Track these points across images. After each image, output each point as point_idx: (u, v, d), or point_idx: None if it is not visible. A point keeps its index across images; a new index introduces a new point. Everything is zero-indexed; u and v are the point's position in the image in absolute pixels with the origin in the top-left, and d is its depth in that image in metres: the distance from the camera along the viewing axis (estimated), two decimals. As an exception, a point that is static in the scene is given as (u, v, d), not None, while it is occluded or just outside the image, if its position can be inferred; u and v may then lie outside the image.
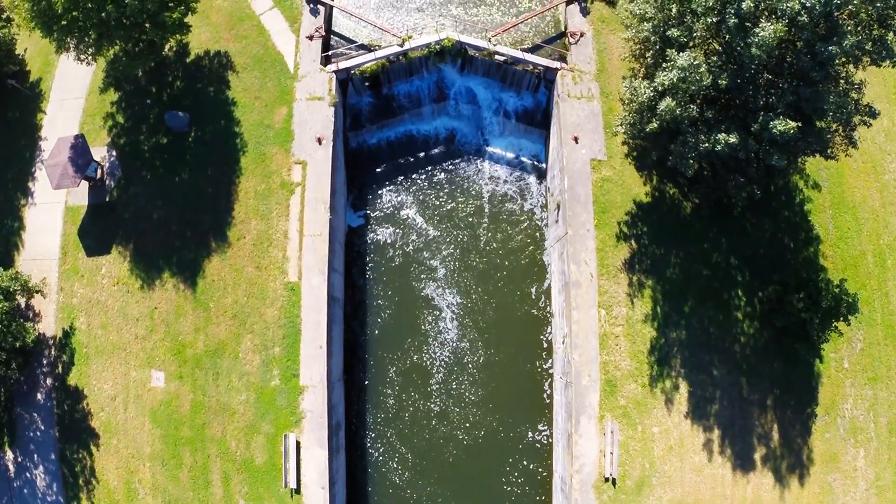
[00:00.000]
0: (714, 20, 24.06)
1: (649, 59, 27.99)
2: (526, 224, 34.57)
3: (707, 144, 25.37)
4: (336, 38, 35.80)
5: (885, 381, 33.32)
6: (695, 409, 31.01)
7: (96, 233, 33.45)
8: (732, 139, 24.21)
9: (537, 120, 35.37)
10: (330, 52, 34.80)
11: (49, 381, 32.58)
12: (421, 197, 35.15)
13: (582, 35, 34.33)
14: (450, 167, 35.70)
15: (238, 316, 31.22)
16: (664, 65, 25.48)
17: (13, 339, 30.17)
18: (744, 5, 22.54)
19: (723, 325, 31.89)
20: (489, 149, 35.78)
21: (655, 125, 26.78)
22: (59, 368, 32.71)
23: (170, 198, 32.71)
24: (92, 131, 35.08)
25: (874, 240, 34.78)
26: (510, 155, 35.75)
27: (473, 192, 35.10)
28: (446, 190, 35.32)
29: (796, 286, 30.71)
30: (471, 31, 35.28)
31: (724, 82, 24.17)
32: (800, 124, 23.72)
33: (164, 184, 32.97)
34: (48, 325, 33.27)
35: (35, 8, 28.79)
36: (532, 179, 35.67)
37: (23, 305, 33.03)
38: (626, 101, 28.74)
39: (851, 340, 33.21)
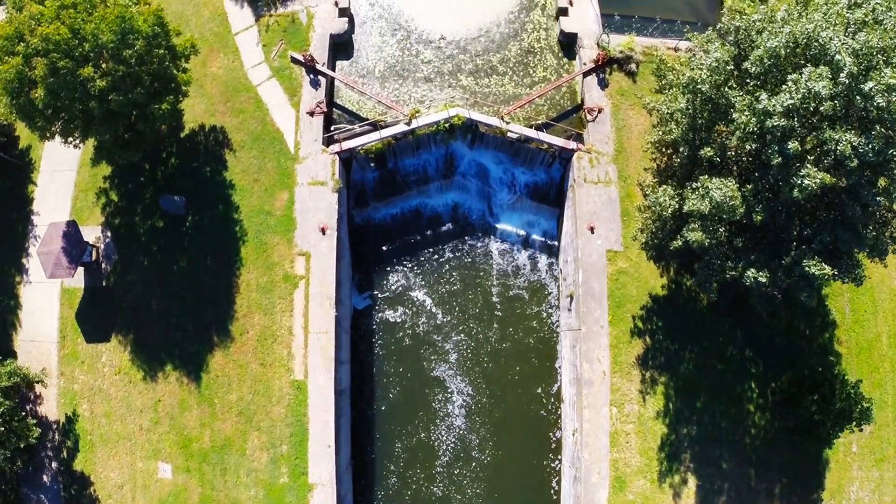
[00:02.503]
0: (753, 146, 22.44)
1: (676, 167, 26.36)
2: (537, 310, 33.46)
3: (734, 273, 24.22)
4: (338, 112, 33.62)
5: (892, 462, 33.37)
6: (703, 501, 31.09)
7: (94, 318, 32.51)
8: (762, 278, 23.04)
9: (550, 197, 33.79)
10: (332, 128, 32.82)
11: (55, 464, 32.41)
12: (429, 278, 33.95)
13: (600, 111, 32.33)
14: (459, 245, 34.34)
15: (244, 413, 30.72)
16: (695, 189, 23.95)
17: (17, 438, 29.77)
18: (790, 146, 20.89)
19: (734, 419, 31.56)
20: (499, 226, 34.29)
21: (679, 244, 25.48)
22: (64, 453, 32.46)
23: (169, 287, 31.59)
24: (85, 208, 33.58)
25: (890, 321, 34.08)
26: (521, 232, 34.33)
27: (483, 274, 33.89)
28: (455, 271, 34.10)
29: (810, 386, 30.25)
30: (482, 104, 33.15)
31: (759, 217, 22.76)
32: (835, 272, 22.57)
33: (162, 272, 31.76)
34: (50, 409, 32.80)
35: (15, 102, 26.91)
36: (543, 259, 34.34)
37: (23, 388, 32.52)
38: (648, 210, 27.25)
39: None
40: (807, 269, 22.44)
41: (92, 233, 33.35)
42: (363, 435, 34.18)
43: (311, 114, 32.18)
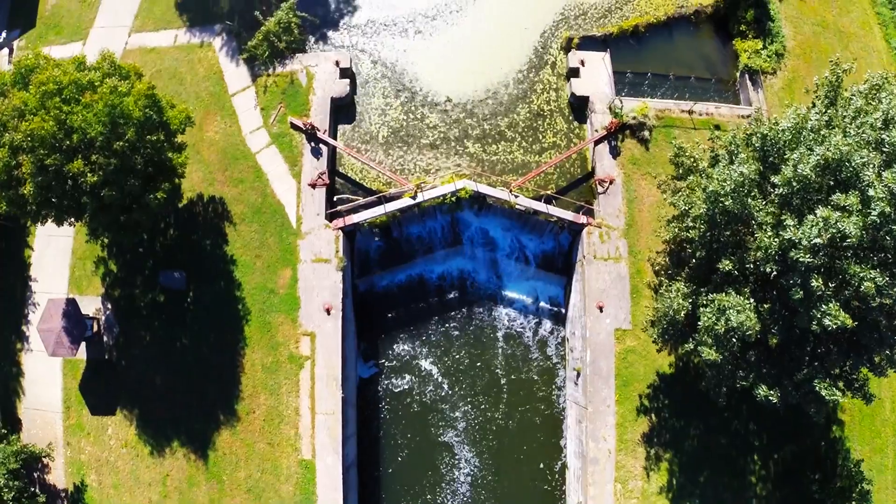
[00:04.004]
0: (775, 269, 21.87)
1: (691, 264, 25.75)
2: (544, 387, 33.24)
3: (745, 383, 24.04)
4: (341, 181, 32.52)
5: (890, 525, 34.20)
6: (705, 570, 31.85)
7: (98, 391, 32.27)
8: (773, 397, 22.88)
9: (558, 265, 33.18)
10: (335, 198, 31.84)
11: (66, 531, 32.89)
12: (436, 348, 33.60)
13: (611, 182, 31.40)
14: (465, 313, 33.84)
15: (253, 490, 30.89)
16: (710, 303, 23.48)
17: (27, 515, 30.10)
18: (813, 284, 20.33)
19: (736, 491, 31.87)
20: (506, 293, 33.74)
21: (691, 346, 25.20)
22: (75, 522, 32.90)
23: (172, 364, 31.22)
24: (83, 277, 32.88)
25: (895, 387, 34.23)
26: (528, 300, 33.82)
27: (490, 343, 33.53)
28: (462, 340, 33.74)
29: (812, 463, 30.61)
30: (489, 172, 32.08)
31: (774, 340, 22.42)
32: (846, 393, 22.39)
33: (164, 348, 31.33)
34: (58, 478, 32.89)
35: (4, 194, 25.88)
36: (550, 327, 33.94)
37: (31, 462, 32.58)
38: (658, 309, 26.75)
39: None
40: (818, 389, 22.29)
41: (92, 303, 32.77)
42: (370, 498, 34.59)
43: (314, 186, 31.15)
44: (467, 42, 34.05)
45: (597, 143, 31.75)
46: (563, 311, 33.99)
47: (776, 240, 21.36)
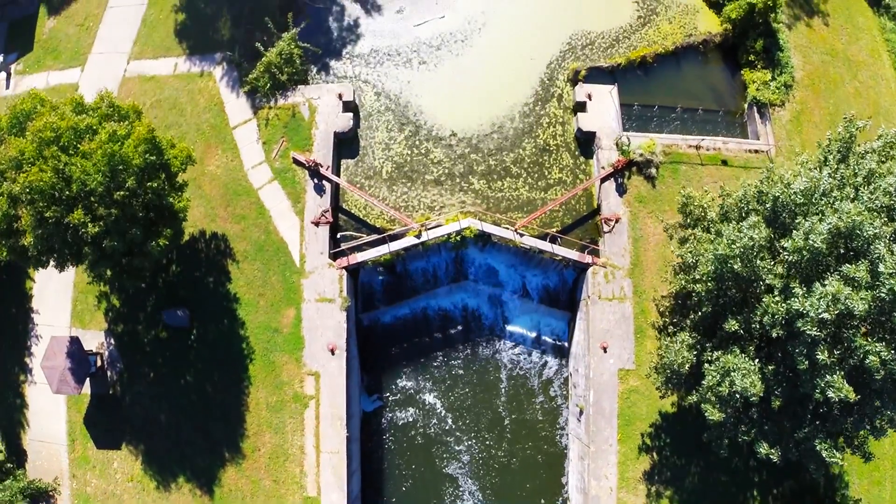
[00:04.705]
0: (781, 333, 21.85)
1: (696, 317, 25.70)
2: (548, 425, 33.37)
3: (747, 437, 24.20)
4: (344, 218, 32.19)
5: (885, 555, 34.74)
6: None
7: (103, 425, 32.35)
8: (774, 456, 23.05)
9: (562, 300, 33.09)
10: (339, 235, 31.57)
11: (74, 560, 33.25)
12: (439, 383, 33.62)
13: (617, 221, 31.17)
14: (468, 347, 33.83)
15: (258, 526, 31.31)
16: (715, 361, 23.51)
17: (35, 553, 30.45)
18: (819, 357, 20.36)
19: (736, 525, 32.51)
20: (509, 328, 33.68)
21: (694, 399, 25.29)
22: (84, 554, 33.24)
23: (176, 401, 31.25)
24: (85, 311, 32.76)
25: (895, 420, 34.55)
26: (531, 334, 33.81)
27: (493, 378, 33.55)
28: (465, 374, 33.77)
29: (813, 500, 30.98)
30: (495, 210, 31.76)
31: (777, 402, 22.50)
32: (846, 451, 22.60)
33: (168, 386, 31.33)
34: (65, 508, 33.36)
35: (5, 243, 25.59)
36: (553, 363, 33.95)
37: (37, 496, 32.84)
38: (662, 359, 26.76)
39: (857, 520, 34.16)
40: (819, 449, 22.48)
41: (95, 338, 32.69)
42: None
43: (317, 224, 30.86)
44: (472, 73, 33.46)
45: (603, 180, 31.46)
46: (567, 345, 34.03)
47: (783, 306, 21.31)
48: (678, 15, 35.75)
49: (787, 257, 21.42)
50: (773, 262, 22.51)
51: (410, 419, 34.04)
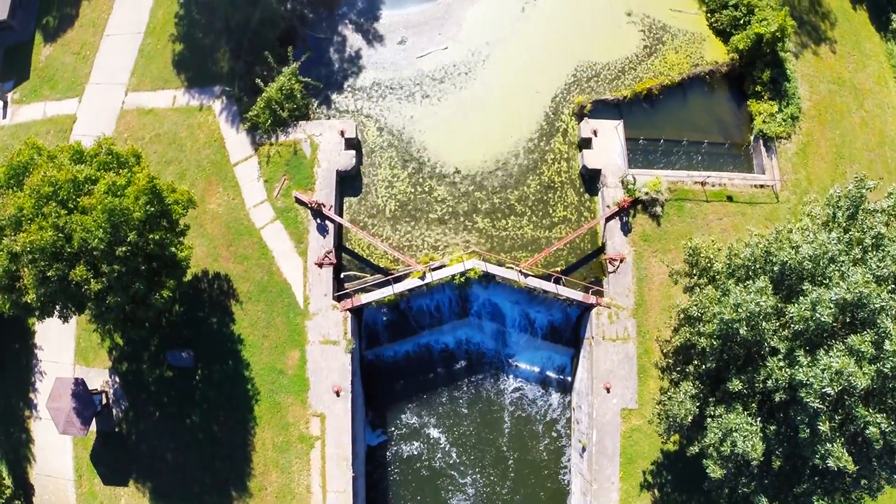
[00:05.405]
0: (783, 397, 21.99)
1: (696, 365, 25.81)
2: (553, 464, 33.68)
3: (746, 490, 24.50)
4: (348, 257, 32.00)
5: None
6: None
7: (109, 462, 32.56)
8: (774, 514, 23.49)
9: (566, 337, 33.16)
10: (343, 275, 31.44)
11: (86, 590, 33.73)
12: (444, 418, 33.77)
13: (622, 261, 31.08)
14: (472, 383, 33.96)
15: (265, 562, 31.72)
16: (717, 418, 23.67)
17: (45, 589, 30.83)
18: (820, 427, 20.54)
19: (735, 557, 33.08)
20: (513, 363, 33.78)
21: (696, 450, 25.53)
22: (96, 584, 33.68)
23: (183, 440, 31.42)
24: (89, 349, 32.74)
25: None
26: (535, 369, 33.93)
27: (497, 414, 33.66)
28: (469, 410, 33.94)
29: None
30: (499, 249, 31.61)
31: (777, 463, 22.74)
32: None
33: (174, 424, 31.46)
34: (74, 541, 33.72)
35: (8, 297, 25.40)
36: (557, 399, 34.10)
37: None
38: (665, 406, 26.91)
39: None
40: (816, 505, 22.94)
41: (99, 376, 32.73)
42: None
43: (320, 265, 30.71)
44: (476, 107, 33.02)
45: (608, 219, 31.30)
46: (570, 379, 34.21)
47: (787, 371, 21.41)
48: (684, 44, 35.22)
49: (792, 326, 21.43)
50: (778, 324, 22.55)
51: (415, 452, 34.32)
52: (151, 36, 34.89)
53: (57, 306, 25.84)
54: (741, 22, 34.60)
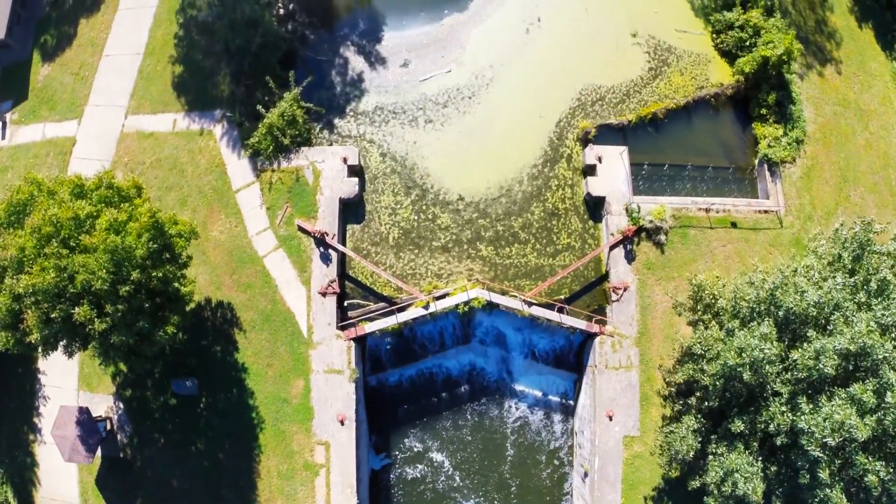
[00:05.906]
0: (784, 441, 22.18)
1: (698, 399, 25.98)
2: (553, 486, 33.89)
3: (749, 524, 24.89)
4: (351, 285, 31.90)
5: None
6: None
7: (115, 487, 32.72)
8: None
9: (569, 362, 33.28)
10: (346, 303, 31.37)
11: None
12: (447, 443, 33.93)
13: (625, 289, 31.07)
14: (475, 408, 34.08)
15: (271, 587, 32.05)
16: (718, 456, 23.90)
17: None
18: (820, 474, 20.75)
19: (734, 577, 33.56)
20: (516, 387, 33.87)
21: (697, 485, 25.80)
22: None
23: (188, 467, 31.56)
24: (93, 374, 32.74)
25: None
26: (538, 393, 34.05)
27: (500, 444, 33.74)
28: (472, 434, 34.10)
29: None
30: (503, 278, 31.55)
31: (777, 502, 23.03)
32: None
33: (179, 452, 31.57)
34: (81, 562, 34.02)
35: (12, 335, 25.30)
36: (559, 425, 34.25)
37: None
38: (667, 438, 27.12)
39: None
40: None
41: (103, 402, 32.78)
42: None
43: (324, 294, 30.65)
44: (480, 132, 32.74)
45: (612, 247, 31.25)
46: (573, 403, 34.39)
47: (788, 417, 21.60)
48: (690, 65, 34.89)
49: (795, 373, 21.54)
50: (781, 367, 22.65)
51: (419, 475, 34.57)
52: (151, 57, 34.40)
53: (62, 343, 25.84)
54: (747, 43, 34.28)
